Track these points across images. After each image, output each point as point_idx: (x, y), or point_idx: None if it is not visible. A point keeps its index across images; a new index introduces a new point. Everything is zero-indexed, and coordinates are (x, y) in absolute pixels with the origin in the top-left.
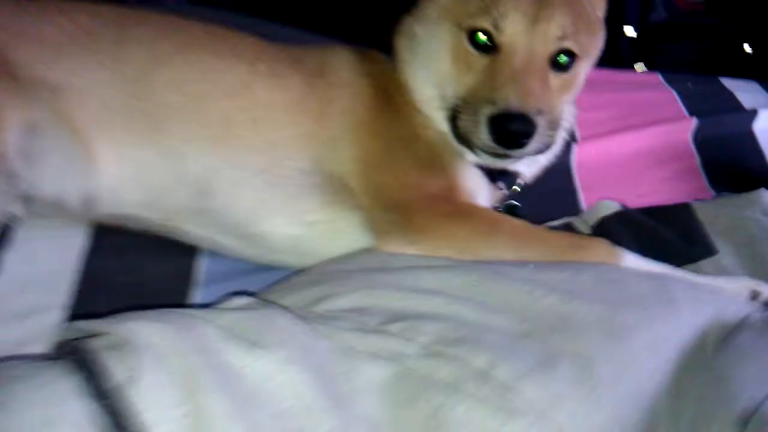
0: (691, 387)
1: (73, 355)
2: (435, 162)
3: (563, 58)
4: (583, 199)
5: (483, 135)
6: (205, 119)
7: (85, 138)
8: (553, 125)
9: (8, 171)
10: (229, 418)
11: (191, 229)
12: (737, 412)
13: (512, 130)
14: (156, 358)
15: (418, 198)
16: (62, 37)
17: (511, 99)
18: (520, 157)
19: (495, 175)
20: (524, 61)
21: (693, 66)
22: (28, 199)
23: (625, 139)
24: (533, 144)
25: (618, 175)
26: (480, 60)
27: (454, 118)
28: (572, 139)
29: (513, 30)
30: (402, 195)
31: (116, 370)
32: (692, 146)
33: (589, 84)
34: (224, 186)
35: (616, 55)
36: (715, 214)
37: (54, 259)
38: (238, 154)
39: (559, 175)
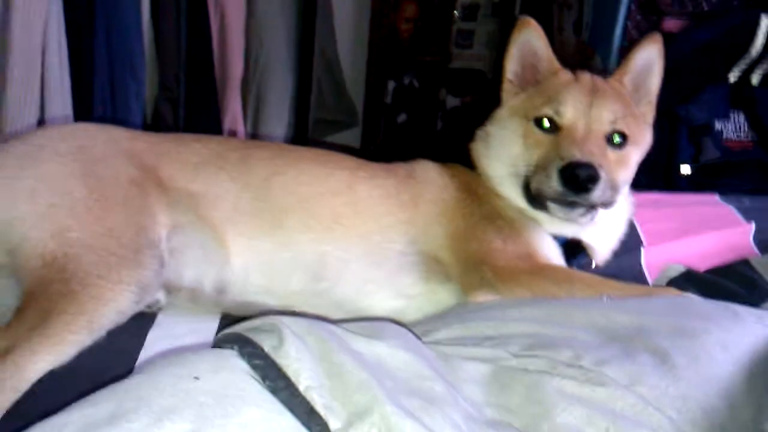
0: (760, 378)
1: (233, 338)
2: (514, 233)
3: (617, 138)
4: None
5: (554, 183)
6: (315, 215)
7: (220, 234)
8: (614, 187)
9: (161, 259)
10: (357, 368)
11: (306, 311)
12: None
13: (579, 174)
14: (294, 335)
15: (502, 258)
16: (198, 158)
17: (576, 153)
18: (589, 206)
19: (571, 250)
20: (583, 135)
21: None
22: (170, 289)
23: (690, 243)
24: (598, 191)
25: None
26: (546, 138)
27: (527, 185)
28: (639, 242)
29: (571, 113)
30: (488, 257)
31: (265, 343)
32: (755, 248)
33: (651, 202)
34: (334, 269)
35: (674, 191)
36: None
37: (190, 338)
38: (344, 241)
39: (631, 275)
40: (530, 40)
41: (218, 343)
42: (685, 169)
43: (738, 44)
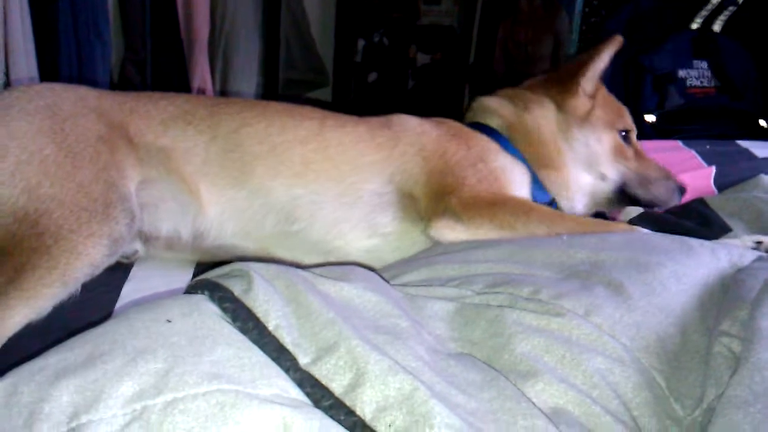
0: (713, 307)
1: (205, 284)
2: (492, 177)
3: None
4: None
5: (675, 197)
6: (285, 161)
7: (192, 186)
8: None
9: (131, 213)
10: (325, 308)
11: (281, 254)
12: (749, 300)
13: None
14: (263, 279)
15: (471, 191)
16: (166, 114)
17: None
18: None
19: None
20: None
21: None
22: (147, 239)
23: None
24: None
25: None
26: (629, 150)
27: (621, 189)
28: None
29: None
30: (457, 189)
31: (235, 287)
32: (715, 190)
33: None
34: (306, 211)
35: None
36: (725, 201)
37: (165, 290)
38: (316, 184)
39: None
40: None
41: (190, 290)
42: (650, 117)
43: None
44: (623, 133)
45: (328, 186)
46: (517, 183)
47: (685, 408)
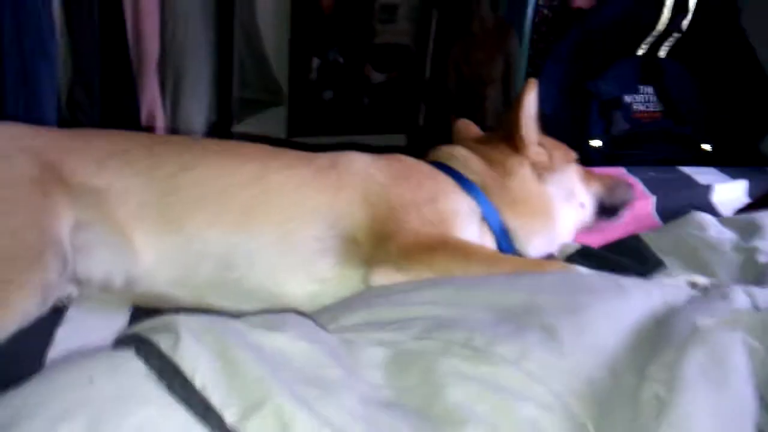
0: (645, 347)
1: (130, 338)
2: (438, 218)
3: None
4: None
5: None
6: (224, 208)
7: (126, 230)
8: None
9: (64, 259)
10: (255, 362)
11: (217, 302)
12: (677, 344)
13: None
14: (191, 333)
15: (411, 236)
16: (103, 153)
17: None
18: None
19: None
20: None
21: (659, 161)
22: (80, 283)
23: None
24: None
25: None
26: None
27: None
28: None
29: None
30: (398, 235)
31: (162, 342)
32: (656, 218)
33: None
34: (244, 259)
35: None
36: (660, 237)
37: (100, 333)
38: (255, 231)
39: None
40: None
41: (117, 343)
42: (596, 143)
43: (645, 19)
44: (578, 161)
45: (267, 232)
46: (467, 226)
47: None
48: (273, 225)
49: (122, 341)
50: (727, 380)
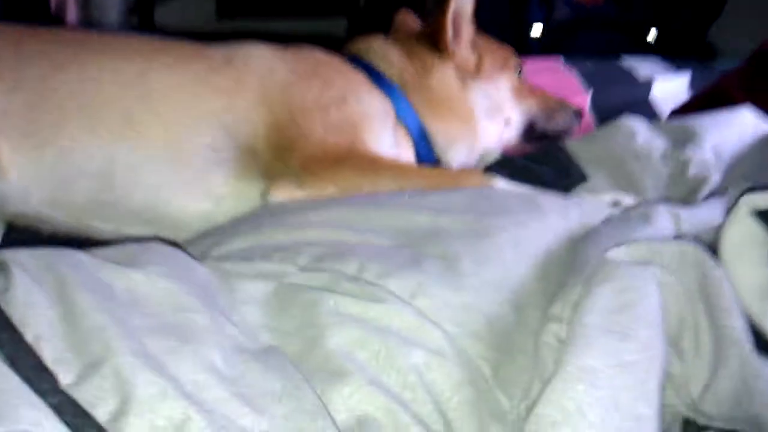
0: (557, 275)
1: None
2: (347, 125)
3: None
4: None
5: (574, 121)
6: (101, 116)
7: None
8: None
9: None
10: (98, 309)
11: (98, 224)
12: (583, 278)
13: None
14: (27, 274)
15: (316, 147)
16: None
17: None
18: None
19: None
20: None
21: (601, 50)
22: None
23: None
24: None
25: None
26: (525, 85)
27: (531, 126)
28: None
29: None
30: (299, 144)
31: None
32: (591, 117)
33: None
34: (125, 175)
35: (524, 54)
36: (586, 147)
37: None
38: (137, 142)
39: None
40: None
41: None
42: (536, 31)
43: None
44: (518, 72)
45: (151, 143)
46: (380, 131)
47: (512, 398)
48: (158, 134)
49: None
50: (634, 329)
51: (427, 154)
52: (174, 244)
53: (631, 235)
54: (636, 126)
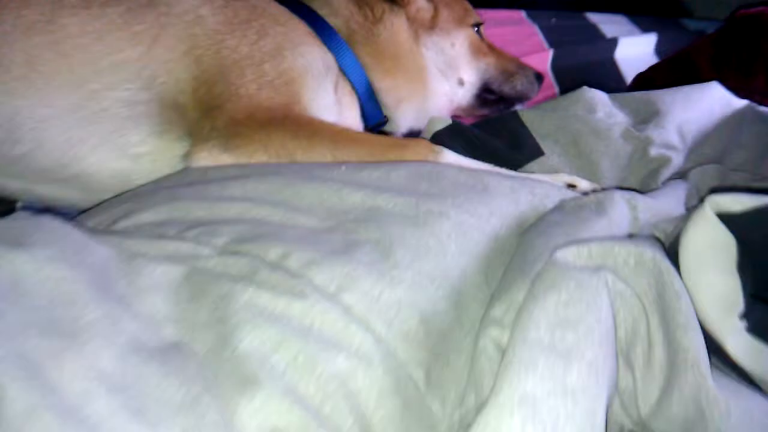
0: (502, 265)
1: None
2: (282, 79)
3: None
4: None
5: (536, 86)
6: (4, 63)
7: None
8: None
9: None
10: None
11: (4, 183)
12: (531, 277)
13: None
14: None
15: (247, 105)
16: None
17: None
18: None
19: None
20: None
21: (566, 4)
22: None
23: None
24: None
25: None
26: (484, 44)
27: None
28: None
29: None
30: (229, 102)
31: None
32: (551, 76)
33: None
34: (32, 129)
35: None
36: (542, 118)
37: None
38: (45, 92)
39: None
40: None
41: None
42: None
43: None
44: (476, 28)
45: (61, 94)
46: (320, 88)
47: (446, 404)
48: (68, 85)
49: None
50: (580, 349)
51: (373, 113)
52: (68, 216)
53: (584, 228)
54: (596, 98)
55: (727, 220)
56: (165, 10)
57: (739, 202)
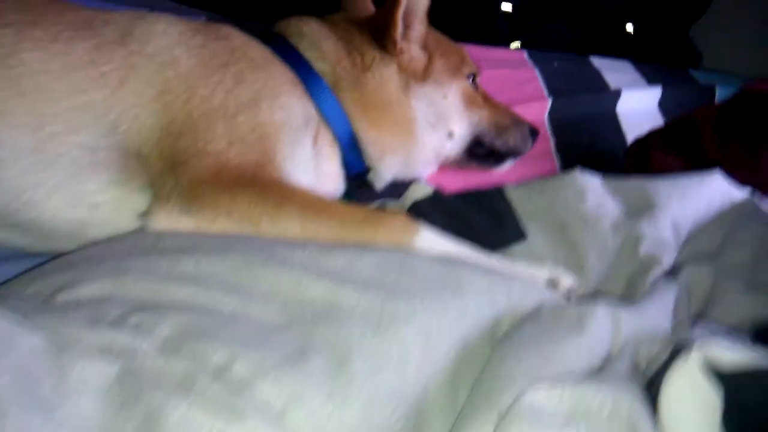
0: (471, 374)
1: None
2: (256, 136)
3: None
4: None
5: (530, 143)
6: None
7: None
8: None
9: None
10: None
11: None
12: (498, 410)
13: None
14: None
15: (214, 162)
16: None
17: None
18: None
19: None
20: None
21: (570, 45)
22: None
23: None
24: None
25: None
26: (478, 96)
27: (478, 142)
28: None
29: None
30: (195, 158)
31: None
32: (548, 126)
33: None
34: None
35: (493, 32)
36: (528, 197)
37: None
38: (1, 133)
39: None
40: None
41: None
42: (507, 6)
43: None
44: (470, 78)
45: (16, 136)
46: (297, 144)
47: None
48: (26, 126)
49: None
50: None
51: (355, 162)
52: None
53: (560, 351)
54: (588, 184)
55: (715, 372)
56: (136, 48)
57: (728, 357)
